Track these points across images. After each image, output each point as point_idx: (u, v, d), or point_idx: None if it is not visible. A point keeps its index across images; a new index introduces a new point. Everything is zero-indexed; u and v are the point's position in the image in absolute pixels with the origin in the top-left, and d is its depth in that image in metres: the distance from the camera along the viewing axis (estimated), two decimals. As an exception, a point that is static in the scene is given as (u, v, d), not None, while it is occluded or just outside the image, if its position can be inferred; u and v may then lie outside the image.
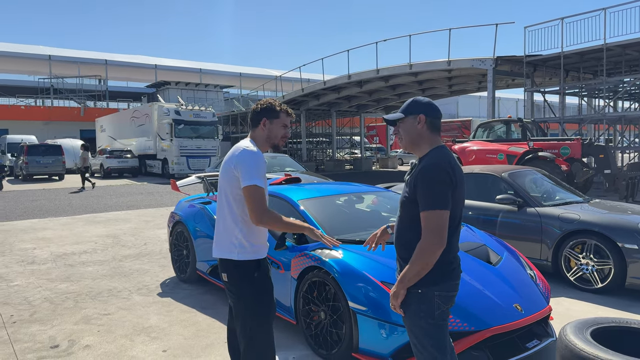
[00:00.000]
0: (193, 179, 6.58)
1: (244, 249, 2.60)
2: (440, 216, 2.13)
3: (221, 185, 2.66)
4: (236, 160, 2.56)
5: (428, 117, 2.30)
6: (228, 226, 2.62)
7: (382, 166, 33.06)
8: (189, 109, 24.87)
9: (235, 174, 2.55)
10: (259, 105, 2.74)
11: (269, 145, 2.74)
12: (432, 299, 2.21)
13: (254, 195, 2.52)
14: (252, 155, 2.56)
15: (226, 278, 2.65)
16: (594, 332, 2.36)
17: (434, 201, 2.13)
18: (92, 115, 37.61)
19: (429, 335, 2.24)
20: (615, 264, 4.89)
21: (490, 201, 5.98)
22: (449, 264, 2.25)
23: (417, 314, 2.24)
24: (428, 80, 22.63)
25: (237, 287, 2.62)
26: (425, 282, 2.20)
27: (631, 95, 21.03)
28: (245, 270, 2.61)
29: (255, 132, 2.72)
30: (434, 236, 2.12)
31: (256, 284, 2.62)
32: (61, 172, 23.97)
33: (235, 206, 2.60)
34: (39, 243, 8.12)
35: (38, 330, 4.27)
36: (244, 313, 2.63)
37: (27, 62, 40.81)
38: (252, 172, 2.51)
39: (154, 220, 10.54)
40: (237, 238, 2.59)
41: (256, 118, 2.72)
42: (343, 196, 5.02)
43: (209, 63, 52.20)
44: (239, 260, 2.59)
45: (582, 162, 12.18)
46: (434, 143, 2.30)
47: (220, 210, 2.67)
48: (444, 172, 2.15)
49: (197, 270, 5.40)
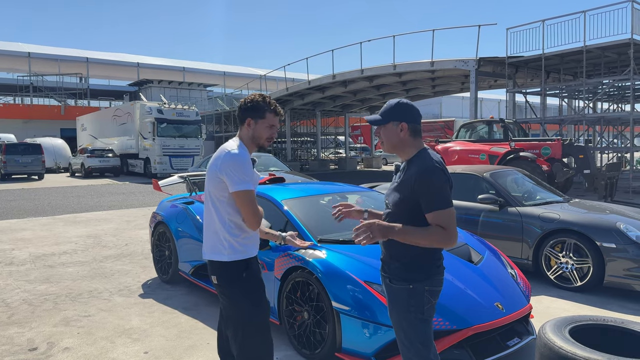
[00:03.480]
0: (175, 179, 6.51)
1: (233, 250, 2.54)
2: (451, 214, 2.22)
3: (207, 187, 2.59)
4: (220, 164, 2.49)
5: (410, 124, 2.32)
6: (216, 228, 2.55)
7: (366, 166, 33.15)
8: (172, 107, 24.62)
9: (220, 177, 2.48)
10: (245, 103, 2.60)
11: (255, 146, 2.62)
12: (423, 293, 2.28)
13: (245, 200, 2.47)
14: (235, 158, 2.47)
15: (216, 280, 2.58)
16: (572, 330, 2.40)
17: (444, 201, 2.21)
18: (72, 113, 36.96)
19: (418, 330, 2.30)
20: (594, 262, 4.98)
21: (472, 201, 6.03)
22: (437, 260, 2.34)
23: (407, 308, 2.30)
24: (412, 80, 22.77)
25: (227, 289, 2.57)
26: (416, 278, 2.29)
27: (610, 96, 21.43)
28: (234, 271, 2.55)
29: (242, 131, 2.62)
30: (451, 233, 2.20)
31: (246, 283, 2.57)
32: (40, 172, 23.55)
33: (221, 208, 2.54)
34: (17, 244, 7.96)
35: (16, 332, 4.18)
36: (235, 314, 2.58)
37: (6, 59, 39.95)
38: (239, 177, 2.45)
39: (136, 220, 10.42)
40: (226, 239, 2.54)
41: (241, 116, 2.61)
42: (327, 196, 5.02)
43: (192, 62, 51.79)
44: (228, 262, 2.54)
45: (563, 163, 12.36)
46: (418, 146, 2.35)
47: (208, 213, 2.61)
48: (442, 172, 2.24)
49: (179, 270, 5.35)
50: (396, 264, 2.33)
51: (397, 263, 2.33)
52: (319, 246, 3.82)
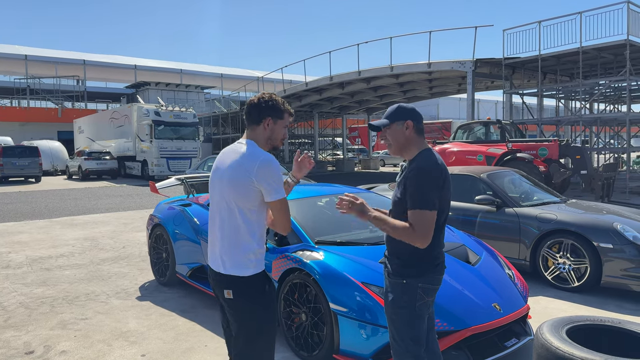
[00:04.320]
0: (173, 181, 6.50)
1: (258, 263, 2.35)
2: (428, 216, 2.23)
3: (228, 197, 2.31)
4: (257, 172, 2.24)
5: (415, 123, 2.41)
6: (242, 241, 2.30)
7: (364, 167, 33.16)
8: (169, 109, 24.59)
9: (257, 186, 2.25)
10: (262, 102, 2.37)
11: (269, 147, 2.42)
12: (415, 289, 2.32)
13: (283, 207, 2.31)
14: (272, 164, 2.27)
15: (232, 295, 2.31)
16: (569, 330, 2.40)
17: (422, 202, 2.23)
18: (70, 116, 36.87)
19: (409, 325, 2.35)
20: (591, 263, 4.99)
21: (469, 202, 6.04)
22: (435, 259, 2.36)
23: (399, 303, 2.35)
24: (409, 82, 22.81)
25: (248, 304, 2.32)
26: (410, 273, 2.33)
27: (606, 97, 21.51)
28: (257, 285, 2.34)
29: (256, 131, 2.39)
30: (420, 234, 2.23)
31: (267, 297, 2.37)
32: (38, 174, 23.52)
33: (252, 220, 2.31)
34: (14, 247, 7.93)
35: (12, 336, 4.16)
36: (254, 330, 2.34)
37: (3, 62, 39.88)
38: (277, 184, 2.27)
39: (133, 222, 10.40)
40: (254, 253, 2.32)
41: (258, 115, 2.37)
42: (325, 197, 5.02)
43: (189, 64, 51.74)
44: (251, 276, 2.31)
45: (560, 163, 12.39)
46: (421, 146, 2.42)
47: (229, 223, 2.32)
48: (435, 175, 2.28)
49: (176, 273, 5.34)
50: (396, 260, 2.40)
51: (396, 259, 2.40)
52: (316, 248, 3.82)
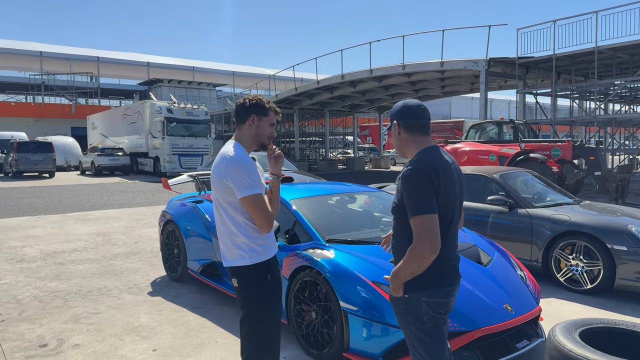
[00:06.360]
0: (185, 178, 6.55)
1: (254, 252, 2.50)
2: (426, 220, 2.05)
3: (215, 194, 2.53)
4: (224, 170, 2.43)
5: (400, 121, 2.27)
6: (232, 233, 2.49)
7: (374, 166, 33.08)
8: (182, 107, 24.76)
9: (227, 184, 2.43)
10: (247, 101, 2.56)
11: (256, 144, 2.59)
12: (419, 304, 2.17)
13: (255, 205, 2.42)
14: (237, 162, 2.43)
15: (237, 283, 2.53)
16: (582, 332, 2.38)
17: (418, 206, 2.07)
18: (83, 112, 37.29)
19: (419, 340, 2.21)
20: (604, 265, 4.93)
21: (481, 202, 6.00)
22: (439, 269, 2.15)
23: (406, 318, 2.23)
24: (421, 81, 22.69)
25: (247, 292, 2.52)
26: (412, 287, 2.17)
27: (622, 97, 21.21)
28: (258, 274, 2.51)
29: (242, 129, 2.57)
30: (425, 241, 2.05)
31: (269, 286, 2.54)
32: (52, 170, 23.81)
33: (234, 213, 2.47)
34: (28, 241, 8.04)
35: (26, 329, 4.23)
36: (250, 315, 2.53)
37: (18, 58, 40.40)
38: (243, 181, 2.40)
39: (145, 218, 10.48)
40: (245, 243, 2.48)
41: (244, 114, 2.56)
42: (335, 196, 5.02)
43: (202, 61, 52.02)
44: (250, 265, 2.49)
45: (573, 164, 12.26)
46: (420, 145, 2.25)
47: (220, 219, 2.55)
48: (423, 175, 2.09)
49: (188, 269, 5.38)
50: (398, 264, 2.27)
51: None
52: (327, 246, 3.82)
